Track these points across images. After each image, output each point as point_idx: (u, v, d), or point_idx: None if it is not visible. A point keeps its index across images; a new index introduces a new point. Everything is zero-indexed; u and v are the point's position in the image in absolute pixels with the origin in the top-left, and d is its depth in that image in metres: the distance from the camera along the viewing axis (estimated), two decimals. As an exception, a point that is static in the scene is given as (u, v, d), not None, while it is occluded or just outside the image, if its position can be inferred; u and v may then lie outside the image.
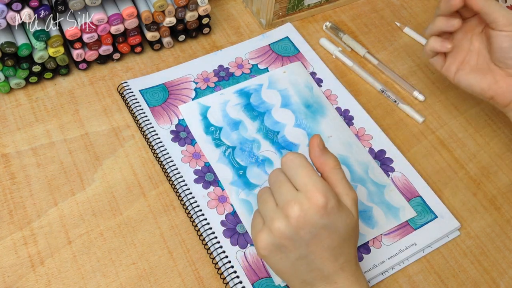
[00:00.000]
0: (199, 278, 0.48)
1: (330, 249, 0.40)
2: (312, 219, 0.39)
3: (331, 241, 0.40)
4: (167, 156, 0.53)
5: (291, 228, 0.39)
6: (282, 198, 0.40)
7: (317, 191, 0.39)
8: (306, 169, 0.41)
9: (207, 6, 0.61)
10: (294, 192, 0.40)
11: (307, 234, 0.39)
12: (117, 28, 0.57)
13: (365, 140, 0.57)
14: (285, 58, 0.63)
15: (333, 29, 0.66)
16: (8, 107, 0.57)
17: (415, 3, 0.73)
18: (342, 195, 0.42)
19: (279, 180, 0.42)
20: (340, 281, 0.41)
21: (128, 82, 0.59)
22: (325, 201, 0.39)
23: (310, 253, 0.40)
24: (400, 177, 0.55)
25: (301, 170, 0.41)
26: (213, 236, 0.49)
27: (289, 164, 0.41)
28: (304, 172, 0.40)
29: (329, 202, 0.39)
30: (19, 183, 0.51)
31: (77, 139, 0.55)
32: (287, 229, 0.39)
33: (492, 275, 0.50)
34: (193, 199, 0.51)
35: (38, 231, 0.49)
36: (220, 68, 0.62)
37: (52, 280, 0.46)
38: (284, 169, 0.42)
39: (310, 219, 0.39)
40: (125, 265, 0.48)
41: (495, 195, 0.56)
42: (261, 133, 0.56)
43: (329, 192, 0.40)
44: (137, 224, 0.50)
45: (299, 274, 0.41)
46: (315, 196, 0.39)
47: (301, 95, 0.60)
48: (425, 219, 0.52)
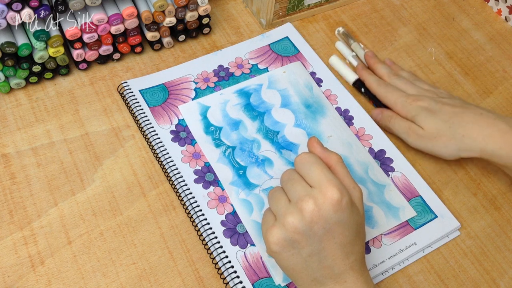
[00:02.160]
0: (199, 278, 0.48)
1: (342, 246, 0.40)
2: (327, 214, 0.39)
3: (343, 238, 0.40)
4: (167, 156, 0.53)
5: (305, 223, 0.39)
6: (296, 194, 0.41)
7: (333, 186, 0.40)
8: (320, 166, 0.41)
9: (207, 6, 0.61)
10: (308, 188, 0.41)
11: (321, 229, 0.39)
12: (117, 28, 0.57)
13: (365, 140, 0.57)
14: (285, 58, 0.63)
15: (345, 35, 0.66)
16: (8, 107, 0.57)
17: (415, 3, 0.73)
18: (350, 189, 0.42)
19: (293, 178, 0.42)
20: (349, 281, 0.41)
21: (128, 82, 0.59)
22: (340, 196, 0.39)
23: (322, 250, 0.40)
24: (400, 177, 0.55)
25: (315, 167, 0.41)
26: (213, 236, 0.49)
27: (302, 162, 0.42)
28: (319, 168, 0.41)
29: (344, 197, 0.40)
30: (19, 183, 0.51)
31: (77, 139, 0.55)
32: (301, 224, 0.39)
33: (492, 275, 0.50)
34: (193, 199, 0.51)
35: (38, 231, 0.49)
36: (220, 68, 0.62)
37: (52, 280, 0.46)
38: (298, 168, 0.42)
39: (325, 214, 0.39)
40: (125, 265, 0.48)
41: (495, 195, 0.56)
42: (261, 133, 0.56)
43: (343, 188, 0.40)
44: (137, 224, 0.50)
45: (310, 272, 0.41)
46: (331, 191, 0.39)
47: (301, 95, 0.60)
48: (425, 219, 0.52)
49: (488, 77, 0.66)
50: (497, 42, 0.69)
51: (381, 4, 0.72)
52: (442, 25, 0.71)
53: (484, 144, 0.51)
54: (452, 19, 0.71)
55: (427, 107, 0.54)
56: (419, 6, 0.73)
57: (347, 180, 0.43)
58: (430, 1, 0.73)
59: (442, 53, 0.67)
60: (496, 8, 0.73)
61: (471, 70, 0.66)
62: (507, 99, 0.64)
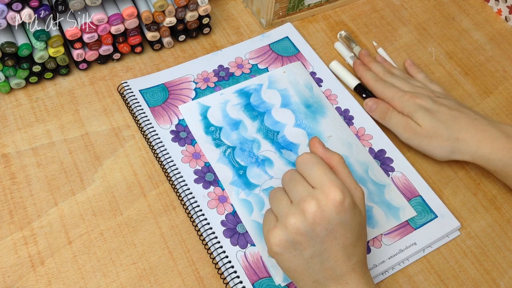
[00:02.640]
0: (199, 278, 0.48)
1: (344, 248, 0.40)
2: (329, 215, 0.39)
3: (345, 239, 0.40)
4: (167, 156, 0.53)
5: (307, 224, 0.39)
6: (298, 195, 0.40)
7: (335, 187, 0.39)
8: (322, 167, 0.41)
9: (207, 6, 0.61)
10: (310, 189, 0.40)
11: (323, 230, 0.39)
12: (117, 28, 0.57)
13: (365, 140, 0.57)
14: (285, 58, 0.63)
15: (347, 38, 0.66)
16: (8, 107, 0.57)
17: (415, 3, 0.73)
18: (352, 189, 0.42)
19: (294, 179, 0.42)
20: (351, 282, 0.41)
21: (128, 82, 0.59)
22: (342, 197, 0.39)
23: (324, 251, 0.40)
24: (400, 177, 0.55)
25: (316, 167, 0.41)
26: (213, 236, 0.49)
27: (304, 162, 0.42)
28: (321, 169, 0.41)
29: (346, 198, 0.40)
30: (19, 183, 0.51)
31: (77, 139, 0.55)
32: (303, 225, 0.39)
33: (493, 275, 0.50)
34: (193, 199, 0.51)
35: (38, 231, 0.49)
36: (220, 68, 0.62)
37: (53, 280, 0.46)
38: (300, 169, 0.42)
39: (327, 215, 0.39)
40: (125, 265, 0.48)
41: (495, 195, 0.56)
42: (261, 133, 0.56)
43: (346, 189, 0.40)
44: (137, 224, 0.50)
45: (312, 273, 0.41)
46: (334, 192, 0.39)
47: (301, 95, 0.60)
48: (425, 219, 0.52)
49: (488, 77, 0.66)
50: (497, 42, 0.69)
51: (381, 4, 0.72)
52: (442, 25, 0.71)
53: (476, 149, 0.52)
54: (452, 19, 0.71)
55: (425, 105, 0.54)
56: (419, 6, 0.72)
57: (349, 180, 0.43)
58: (430, 1, 0.73)
59: (442, 53, 0.67)
60: (496, 8, 0.73)
61: (471, 70, 0.66)
62: (507, 99, 0.64)
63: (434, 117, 0.53)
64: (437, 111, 0.54)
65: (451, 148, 0.53)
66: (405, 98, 0.56)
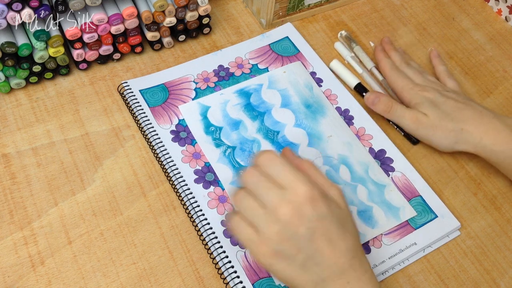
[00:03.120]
0: (200, 278, 0.48)
1: (331, 242, 0.40)
2: (306, 213, 0.39)
3: (329, 232, 0.40)
4: (167, 156, 0.54)
5: (289, 229, 0.39)
6: (269, 200, 0.40)
7: (301, 183, 0.40)
8: (287, 166, 0.41)
9: (207, 6, 0.61)
10: (279, 191, 0.40)
11: (305, 230, 0.39)
12: (117, 28, 0.57)
13: (365, 139, 0.57)
14: (285, 58, 0.63)
15: (347, 38, 0.66)
16: (8, 107, 0.57)
17: (415, 3, 0.73)
18: (326, 187, 0.42)
19: (261, 181, 0.41)
20: (352, 281, 0.40)
21: (128, 82, 0.59)
22: (310, 190, 0.40)
23: (315, 251, 0.40)
24: (400, 177, 0.55)
25: (282, 167, 0.41)
26: (214, 236, 0.49)
27: (267, 163, 0.41)
28: (287, 168, 0.41)
29: (314, 189, 0.40)
30: (20, 183, 0.51)
31: (78, 139, 0.55)
32: (285, 231, 0.39)
33: (493, 275, 0.50)
34: (193, 199, 0.51)
35: (38, 231, 0.49)
36: (220, 68, 0.62)
37: (53, 280, 0.46)
38: (264, 168, 0.42)
39: (304, 214, 0.39)
40: (125, 265, 0.48)
41: (495, 195, 0.56)
42: (261, 133, 0.56)
43: (311, 182, 0.40)
44: (137, 224, 0.50)
45: (310, 276, 0.40)
46: (300, 188, 0.39)
47: (301, 95, 0.60)
48: (426, 219, 0.52)
49: (488, 77, 0.66)
50: (497, 42, 0.69)
51: (381, 4, 0.72)
52: (442, 25, 0.71)
53: (479, 140, 0.53)
54: (452, 19, 0.71)
55: (432, 98, 0.56)
56: (419, 6, 0.73)
57: (322, 180, 0.43)
58: (430, 1, 0.73)
59: (442, 53, 0.67)
60: (496, 8, 0.73)
61: (471, 70, 0.66)
62: (507, 99, 0.64)
63: (440, 108, 0.55)
64: (443, 103, 0.55)
65: (455, 139, 0.54)
66: (414, 90, 0.57)
